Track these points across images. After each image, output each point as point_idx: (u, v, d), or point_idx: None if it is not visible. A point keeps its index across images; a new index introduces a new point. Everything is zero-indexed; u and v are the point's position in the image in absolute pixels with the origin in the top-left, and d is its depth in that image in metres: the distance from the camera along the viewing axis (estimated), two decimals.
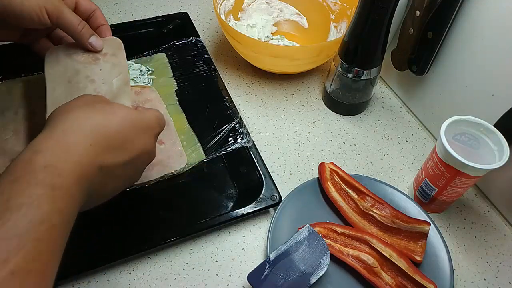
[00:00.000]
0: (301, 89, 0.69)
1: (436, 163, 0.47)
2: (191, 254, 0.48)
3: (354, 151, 0.60)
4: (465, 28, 0.52)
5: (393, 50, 0.62)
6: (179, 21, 0.75)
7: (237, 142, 0.56)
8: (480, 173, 0.44)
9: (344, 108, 0.64)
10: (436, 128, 0.62)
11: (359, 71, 0.58)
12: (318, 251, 0.44)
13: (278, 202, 0.50)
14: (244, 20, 0.75)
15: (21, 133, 0.55)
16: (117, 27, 0.73)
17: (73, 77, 0.50)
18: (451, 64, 0.55)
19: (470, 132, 0.48)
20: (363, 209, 0.50)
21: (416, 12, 0.54)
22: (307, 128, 0.63)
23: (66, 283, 0.45)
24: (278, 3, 0.76)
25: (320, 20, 0.74)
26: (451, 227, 0.53)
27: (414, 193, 0.54)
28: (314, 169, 0.57)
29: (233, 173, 0.54)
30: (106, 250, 0.46)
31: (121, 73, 0.50)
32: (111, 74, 0.50)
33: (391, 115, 0.66)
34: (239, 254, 0.49)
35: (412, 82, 0.63)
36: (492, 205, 0.55)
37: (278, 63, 0.64)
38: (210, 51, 0.72)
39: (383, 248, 0.46)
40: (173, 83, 0.65)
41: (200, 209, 0.50)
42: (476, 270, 0.49)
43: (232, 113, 0.60)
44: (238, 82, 0.69)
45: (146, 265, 0.47)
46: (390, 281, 0.44)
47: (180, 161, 0.54)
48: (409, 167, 0.59)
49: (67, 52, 0.51)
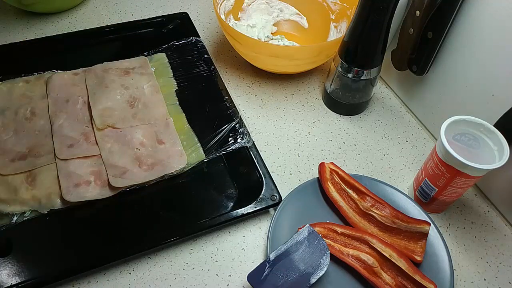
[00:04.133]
0: (301, 89, 0.69)
1: (436, 163, 0.47)
2: (191, 254, 0.48)
3: (354, 151, 0.60)
4: (465, 28, 0.52)
5: (393, 50, 0.62)
6: (179, 21, 0.75)
7: (237, 142, 0.56)
8: (480, 173, 0.44)
9: (344, 108, 0.64)
10: (436, 128, 0.62)
11: (359, 71, 0.58)
12: (318, 251, 0.44)
13: (278, 202, 0.50)
14: (244, 20, 0.75)
15: (21, 133, 0.55)
16: (117, 27, 0.73)
17: (110, 84, 0.61)
18: (451, 64, 0.55)
19: (470, 132, 0.48)
20: (363, 209, 0.50)
21: (416, 12, 0.54)
22: (307, 128, 0.63)
23: (66, 283, 0.45)
24: (278, 3, 0.76)
25: (320, 20, 0.74)
26: (451, 227, 0.53)
27: (414, 193, 0.54)
28: (314, 169, 0.57)
29: (233, 173, 0.54)
30: (106, 250, 0.46)
31: (150, 80, 0.63)
32: (141, 82, 0.63)
33: (391, 115, 0.66)
34: (239, 254, 0.49)
35: (412, 82, 0.63)
36: (492, 205, 0.55)
37: (278, 63, 0.64)
38: (210, 51, 0.72)
39: (383, 248, 0.46)
40: (173, 83, 0.65)
41: (200, 209, 0.51)
42: (476, 270, 0.49)
43: (232, 113, 0.60)
44: (238, 82, 0.69)
45: (146, 265, 0.47)
46: (390, 281, 0.44)
47: (180, 161, 0.54)
48: (409, 167, 0.59)
49: (103, 69, 0.63)
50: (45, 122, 0.56)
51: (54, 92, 0.60)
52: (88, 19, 0.78)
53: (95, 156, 0.53)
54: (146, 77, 0.63)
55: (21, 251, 0.46)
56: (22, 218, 0.48)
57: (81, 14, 0.79)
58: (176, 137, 0.57)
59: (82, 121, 0.57)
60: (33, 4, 0.74)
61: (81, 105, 0.59)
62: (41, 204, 0.49)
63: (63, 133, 0.55)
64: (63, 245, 0.47)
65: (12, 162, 0.52)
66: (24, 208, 0.49)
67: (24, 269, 0.45)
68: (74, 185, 0.50)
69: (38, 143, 0.54)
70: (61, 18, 0.78)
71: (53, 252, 0.46)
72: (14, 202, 0.49)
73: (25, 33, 0.74)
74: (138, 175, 0.52)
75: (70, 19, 0.78)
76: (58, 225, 0.49)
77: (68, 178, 0.50)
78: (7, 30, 0.74)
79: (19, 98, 0.59)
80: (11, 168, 0.51)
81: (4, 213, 0.48)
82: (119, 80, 0.62)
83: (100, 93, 0.60)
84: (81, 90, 0.61)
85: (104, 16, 0.79)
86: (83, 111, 0.58)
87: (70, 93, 0.60)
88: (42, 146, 0.54)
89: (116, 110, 0.58)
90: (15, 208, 0.48)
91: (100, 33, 0.72)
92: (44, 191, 0.50)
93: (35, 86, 0.61)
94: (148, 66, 0.65)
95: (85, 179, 0.51)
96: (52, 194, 0.49)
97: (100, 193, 0.50)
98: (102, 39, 0.71)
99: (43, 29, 0.75)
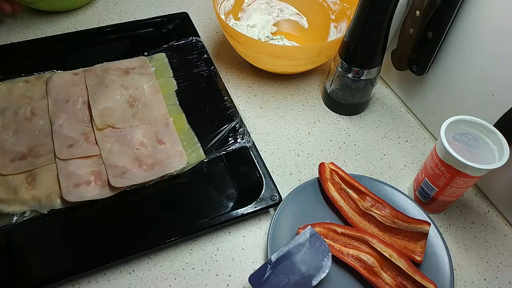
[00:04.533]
0: (301, 89, 0.69)
1: (436, 163, 0.47)
2: (191, 254, 0.48)
3: (354, 151, 0.60)
4: (465, 28, 0.52)
5: (393, 50, 0.62)
6: (179, 21, 0.75)
7: (237, 142, 0.56)
8: (480, 173, 0.44)
9: (344, 108, 0.64)
10: (436, 128, 0.62)
11: (359, 71, 0.58)
12: (320, 253, 0.44)
13: (278, 202, 0.50)
14: (244, 20, 0.75)
15: (21, 133, 0.55)
16: (117, 27, 0.73)
17: (110, 84, 0.61)
18: (451, 64, 0.55)
19: (470, 132, 0.48)
20: (363, 209, 0.50)
21: (416, 12, 0.54)
22: (307, 128, 0.63)
23: (66, 283, 0.45)
24: (278, 3, 0.76)
25: (320, 20, 0.74)
26: (451, 227, 0.53)
27: (414, 193, 0.54)
28: (314, 169, 0.57)
29: (233, 173, 0.54)
30: (106, 250, 0.46)
31: (150, 80, 0.63)
32: (141, 81, 0.62)
33: (391, 115, 0.66)
34: (239, 254, 0.49)
35: (412, 82, 0.63)
36: (492, 205, 0.55)
37: (278, 63, 0.64)
38: (210, 51, 0.72)
39: (383, 248, 0.46)
40: (173, 83, 0.65)
41: (200, 209, 0.51)
42: (476, 270, 0.49)
43: (232, 113, 0.60)
44: (238, 82, 0.69)
45: (146, 265, 0.47)
46: (390, 281, 0.44)
47: (180, 161, 0.54)
48: (409, 167, 0.59)
49: (103, 69, 0.63)
50: (45, 122, 0.56)
51: (54, 92, 0.60)
52: (88, 19, 0.78)
53: (95, 156, 0.53)
54: (146, 77, 0.63)
55: (21, 251, 0.46)
56: (22, 218, 0.48)
57: (81, 14, 0.79)
58: (176, 137, 0.57)
59: (82, 121, 0.57)
60: (36, 2, 0.74)
61: (81, 105, 0.59)
62: (41, 204, 0.49)
63: (63, 133, 0.55)
64: (63, 245, 0.47)
65: (12, 162, 0.52)
66: (24, 208, 0.49)
67: (24, 269, 0.44)
68: (74, 185, 0.50)
69: (38, 143, 0.54)
70: (61, 18, 0.78)
71: (53, 252, 0.46)
72: (14, 202, 0.49)
73: (25, 33, 0.74)
74: (138, 175, 0.52)
75: (70, 19, 0.78)
76: (58, 225, 0.48)
77: (68, 178, 0.50)
78: (7, 30, 0.74)
79: (19, 98, 0.59)
80: (11, 168, 0.51)
81: (4, 213, 0.48)
82: (119, 80, 0.62)
83: (100, 93, 0.60)
84: (81, 90, 0.61)
85: (104, 16, 0.79)
86: (83, 111, 0.58)
87: (70, 93, 0.60)
88: (42, 146, 0.54)
89: (116, 110, 0.58)
90: (15, 208, 0.48)
91: (100, 33, 0.72)
92: (44, 191, 0.50)
93: (35, 86, 0.61)
94: (148, 66, 0.65)
95: (85, 179, 0.51)
96: (52, 194, 0.49)
97: (100, 193, 0.50)
98: (102, 39, 0.71)
99: (43, 29, 0.75)
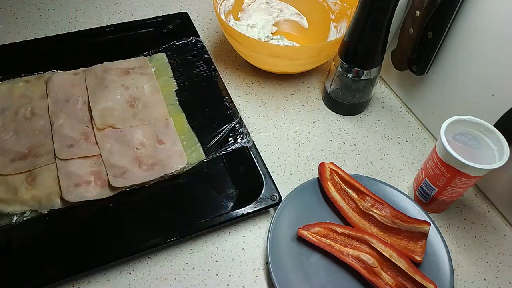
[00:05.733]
0: (301, 89, 0.69)
1: (436, 163, 0.47)
2: (191, 254, 0.48)
3: (354, 151, 0.60)
4: (465, 28, 0.52)
5: (393, 50, 0.62)
6: (179, 21, 0.75)
7: (237, 142, 0.56)
8: (480, 173, 0.44)
9: (344, 108, 0.64)
10: (436, 128, 0.62)
11: (359, 71, 0.58)
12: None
13: (278, 202, 0.50)
14: (244, 20, 0.75)
15: (21, 133, 0.55)
16: (117, 27, 0.73)
17: (110, 84, 0.61)
18: (451, 64, 0.55)
19: (470, 132, 0.48)
20: (363, 209, 0.50)
21: (416, 12, 0.54)
22: (307, 128, 0.63)
23: (66, 283, 0.45)
24: (278, 3, 0.76)
25: (320, 20, 0.74)
26: (451, 227, 0.53)
27: (414, 193, 0.54)
28: (314, 169, 0.57)
29: (233, 173, 0.54)
30: (106, 250, 0.46)
31: (150, 80, 0.63)
32: (141, 81, 0.62)
33: (391, 115, 0.66)
34: (239, 254, 0.49)
35: (412, 82, 0.63)
36: (492, 205, 0.55)
37: (278, 63, 0.64)
38: (210, 51, 0.72)
39: (383, 248, 0.46)
40: (173, 83, 0.65)
41: (200, 209, 0.51)
42: (476, 270, 0.49)
43: (232, 113, 0.60)
44: (238, 82, 0.69)
45: (146, 265, 0.47)
46: (390, 281, 0.44)
47: (180, 161, 0.54)
48: (409, 167, 0.59)
49: (103, 69, 0.63)
50: (45, 122, 0.56)
51: (54, 92, 0.60)
52: (88, 19, 0.78)
53: (95, 156, 0.53)
54: (146, 77, 0.63)
55: (21, 251, 0.46)
56: (22, 218, 0.48)
57: (81, 14, 0.79)
58: (176, 137, 0.57)
59: (82, 121, 0.57)
60: None
61: (81, 105, 0.59)
62: (41, 204, 0.49)
63: (63, 133, 0.55)
64: (63, 245, 0.47)
65: (12, 162, 0.52)
66: (24, 208, 0.49)
67: (24, 269, 0.44)
68: (74, 185, 0.50)
69: (38, 143, 0.54)
70: (61, 18, 0.78)
71: (53, 252, 0.46)
72: (14, 202, 0.49)
73: (25, 33, 0.74)
74: (138, 175, 0.52)
75: (70, 19, 0.78)
76: (58, 225, 0.48)
77: (68, 178, 0.50)
78: (7, 30, 0.74)
79: (19, 98, 0.59)
80: (11, 168, 0.51)
81: (4, 213, 0.48)
82: (119, 80, 0.62)
83: (100, 93, 0.60)
84: (81, 90, 0.61)
85: (104, 16, 0.79)
86: (83, 111, 0.58)
87: (70, 93, 0.60)
88: (42, 146, 0.54)
89: (116, 110, 0.58)
90: (15, 208, 0.48)
91: (100, 33, 0.72)
92: (44, 191, 0.50)
93: (35, 86, 0.61)
94: (148, 66, 0.65)
95: (85, 179, 0.51)
96: (52, 194, 0.49)
97: (100, 193, 0.50)
98: (102, 39, 0.71)
99: (43, 29, 0.75)
